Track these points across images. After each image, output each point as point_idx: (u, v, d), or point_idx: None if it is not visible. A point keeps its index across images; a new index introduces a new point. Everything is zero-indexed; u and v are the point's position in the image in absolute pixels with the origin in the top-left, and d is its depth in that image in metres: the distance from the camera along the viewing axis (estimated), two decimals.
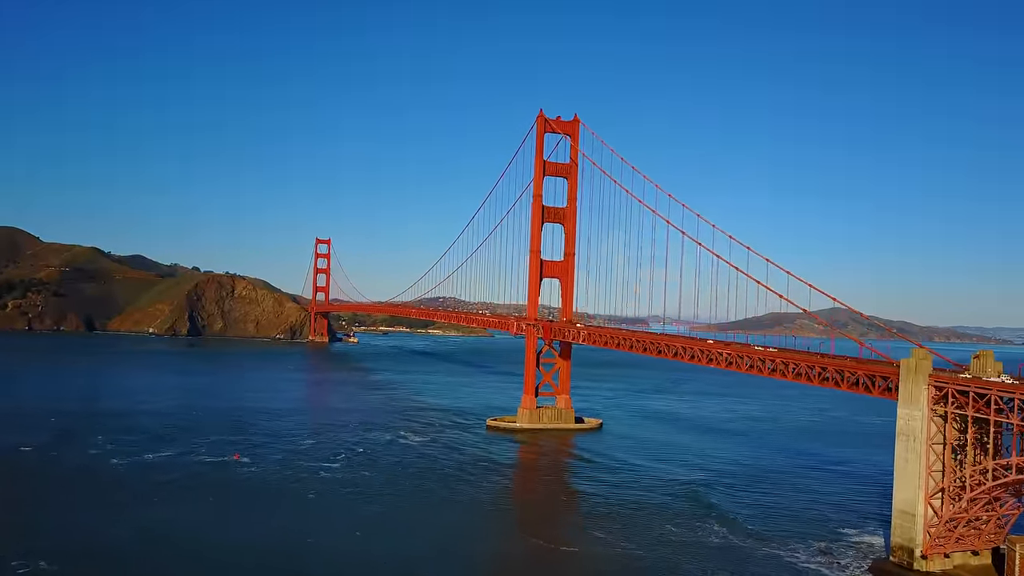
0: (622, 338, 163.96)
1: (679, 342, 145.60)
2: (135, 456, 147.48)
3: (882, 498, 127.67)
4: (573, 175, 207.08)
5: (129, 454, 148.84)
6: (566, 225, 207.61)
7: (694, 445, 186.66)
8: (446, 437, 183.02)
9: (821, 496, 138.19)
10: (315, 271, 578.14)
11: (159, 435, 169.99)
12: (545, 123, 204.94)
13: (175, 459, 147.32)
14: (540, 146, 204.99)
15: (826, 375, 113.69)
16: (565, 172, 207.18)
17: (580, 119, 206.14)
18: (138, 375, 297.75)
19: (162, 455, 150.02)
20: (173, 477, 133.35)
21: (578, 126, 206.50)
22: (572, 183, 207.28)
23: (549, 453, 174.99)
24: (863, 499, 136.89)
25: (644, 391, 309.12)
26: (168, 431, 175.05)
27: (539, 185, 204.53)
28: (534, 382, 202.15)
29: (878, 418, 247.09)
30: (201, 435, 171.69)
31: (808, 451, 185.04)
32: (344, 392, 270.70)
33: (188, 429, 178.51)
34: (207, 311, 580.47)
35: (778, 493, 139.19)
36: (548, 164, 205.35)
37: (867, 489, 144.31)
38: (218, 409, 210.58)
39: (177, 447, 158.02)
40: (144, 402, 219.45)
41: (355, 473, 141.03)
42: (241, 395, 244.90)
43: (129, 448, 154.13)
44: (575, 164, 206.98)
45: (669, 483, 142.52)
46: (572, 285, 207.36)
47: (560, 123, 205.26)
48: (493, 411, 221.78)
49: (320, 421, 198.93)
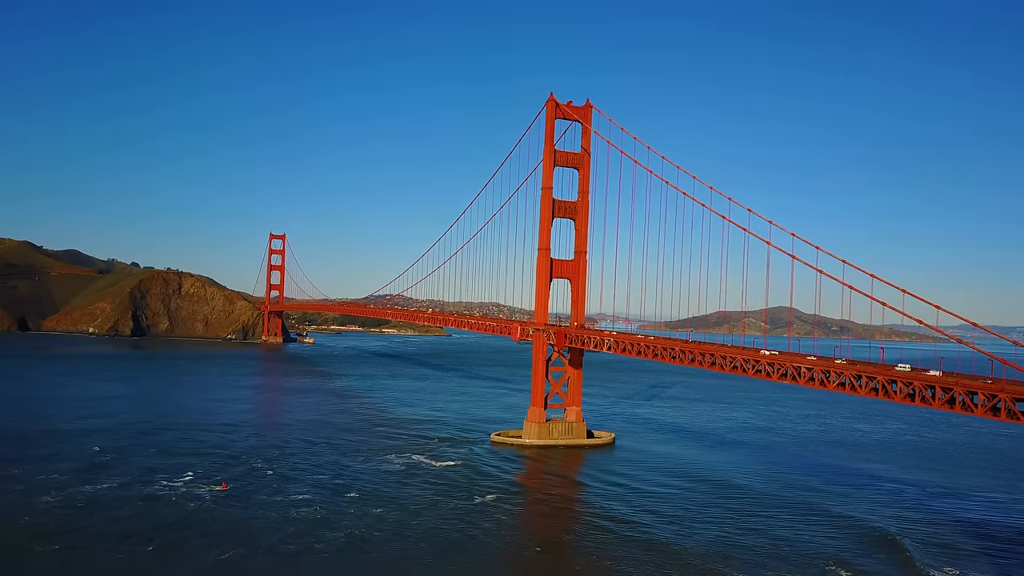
0: (662, 347, 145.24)
1: (741, 354, 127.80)
2: (70, 489, 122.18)
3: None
4: (585, 165, 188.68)
5: (62, 487, 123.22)
6: (577, 220, 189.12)
7: (711, 462, 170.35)
8: (437, 456, 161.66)
9: (854, 525, 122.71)
10: (269, 268, 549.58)
11: (97, 460, 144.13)
12: (556, 108, 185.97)
13: (119, 493, 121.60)
14: (550, 133, 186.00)
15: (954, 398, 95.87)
16: (576, 162, 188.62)
17: (593, 104, 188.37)
18: (73, 382, 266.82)
19: (102, 487, 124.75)
20: (118, 515, 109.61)
21: (591, 112, 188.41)
22: (584, 174, 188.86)
23: (563, 477, 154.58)
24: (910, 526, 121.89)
25: (647, 396, 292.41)
26: (108, 454, 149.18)
27: (549, 176, 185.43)
28: (543, 393, 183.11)
29: (873, 426, 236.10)
30: (148, 458, 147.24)
31: (831, 466, 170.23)
32: (309, 403, 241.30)
33: (132, 451, 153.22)
34: (152, 310, 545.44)
35: (810, 518, 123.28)
36: (558, 153, 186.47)
37: (898, 511, 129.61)
38: (166, 425, 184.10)
39: (119, 475, 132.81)
40: (79, 417, 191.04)
41: (334, 510, 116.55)
42: (192, 407, 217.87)
43: (61, 479, 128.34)
44: (587, 153, 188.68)
45: (698, 511, 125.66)
46: (584, 286, 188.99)
47: (572, 108, 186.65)
48: (479, 425, 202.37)
49: (284, 439, 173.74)
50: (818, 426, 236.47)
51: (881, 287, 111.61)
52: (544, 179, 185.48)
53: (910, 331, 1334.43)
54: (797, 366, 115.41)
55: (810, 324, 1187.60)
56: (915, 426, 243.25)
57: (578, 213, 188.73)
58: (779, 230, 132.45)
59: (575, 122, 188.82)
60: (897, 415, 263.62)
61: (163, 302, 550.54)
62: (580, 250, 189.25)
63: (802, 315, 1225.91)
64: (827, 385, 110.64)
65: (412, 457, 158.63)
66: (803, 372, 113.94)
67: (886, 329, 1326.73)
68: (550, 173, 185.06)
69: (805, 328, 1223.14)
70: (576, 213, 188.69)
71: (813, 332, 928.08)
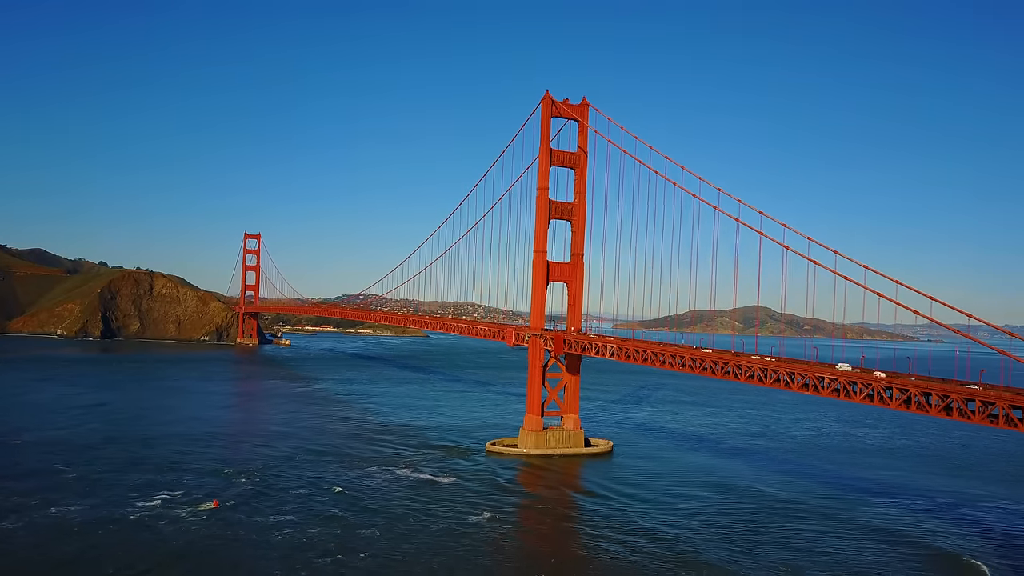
0: (671, 355, 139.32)
1: (769, 365, 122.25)
2: (33, 513, 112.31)
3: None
4: (582, 165, 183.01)
5: (22, 510, 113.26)
6: (574, 222, 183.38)
7: (711, 469, 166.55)
8: (429, 469, 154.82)
9: (886, 539, 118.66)
10: (244, 268, 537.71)
11: (63, 478, 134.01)
12: (552, 106, 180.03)
13: (90, 515, 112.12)
14: (546, 131, 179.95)
15: None
16: (573, 162, 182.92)
17: (589, 102, 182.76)
18: (36, 389, 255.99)
19: (71, 509, 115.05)
20: (91, 544, 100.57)
21: (587, 110, 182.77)
22: (580, 174, 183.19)
23: (566, 490, 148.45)
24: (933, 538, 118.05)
25: (637, 399, 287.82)
26: (74, 471, 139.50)
27: (545, 176, 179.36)
28: (540, 400, 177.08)
29: (871, 431, 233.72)
30: (119, 474, 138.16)
31: (838, 475, 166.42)
32: (289, 410, 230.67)
33: (101, 467, 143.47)
34: (122, 311, 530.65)
35: (826, 534, 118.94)
36: (554, 153, 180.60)
37: (920, 525, 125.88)
38: (138, 437, 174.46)
39: (88, 495, 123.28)
40: (42, 428, 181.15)
41: (321, 533, 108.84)
42: (166, 417, 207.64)
43: (21, 501, 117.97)
44: (584, 153, 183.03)
45: (703, 524, 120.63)
46: (581, 290, 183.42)
47: (569, 106, 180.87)
48: (469, 432, 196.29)
49: (264, 452, 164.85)
50: (811, 430, 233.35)
51: (875, 284, 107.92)
52: (540, 179, 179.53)
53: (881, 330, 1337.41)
54: (820, 377, 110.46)
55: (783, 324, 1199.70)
56: (907, 430, 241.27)
57: (575, 214, 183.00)
58: (776, 227, 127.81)
59: (570, 121, 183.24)
60: (889, 419, 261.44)
61: (134, 303, 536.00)
62: (577, 252, 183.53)
63: (773, 314, 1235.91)
64: (855, 397, 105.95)
65: (402, 471, 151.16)
66: (838, 386, 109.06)
67: (857, 328, 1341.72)
68: (546, 173, 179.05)
69: (777, 327, 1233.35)
70: (572, 214, 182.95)
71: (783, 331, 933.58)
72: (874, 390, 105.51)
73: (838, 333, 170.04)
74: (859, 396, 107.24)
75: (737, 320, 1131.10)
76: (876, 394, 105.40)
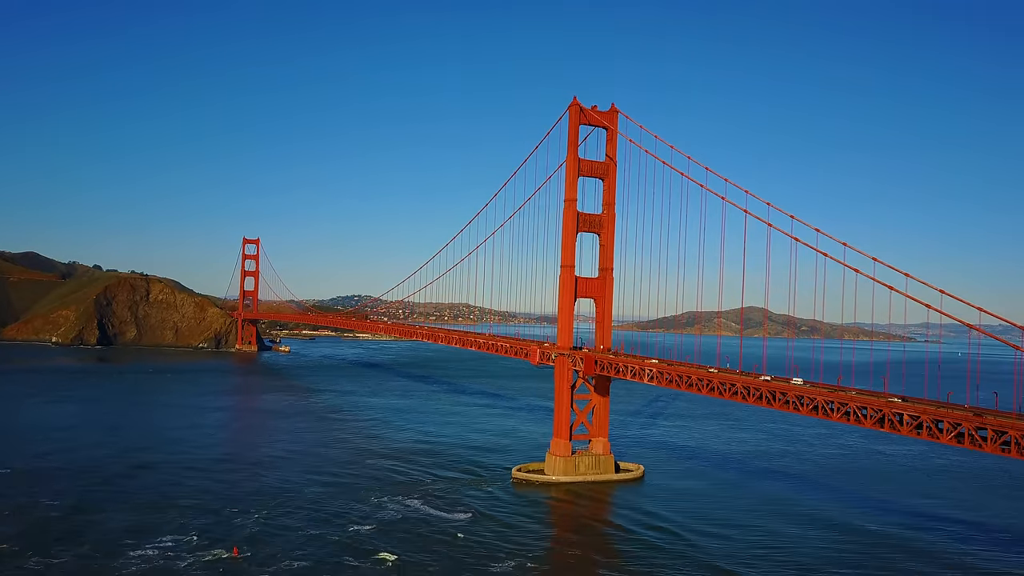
0: (720, 383, 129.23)
1: (822, 395, 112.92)
2: (13, 562, 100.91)
3: None
4: (611, 175, 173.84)
5: (5, 559, 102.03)
6: (602, 235, 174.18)
7: (753, 493, 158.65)
8: (447, 500, 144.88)
9: None
10: (243, 274, 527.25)
11: (48, 518, 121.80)
12: (580, 113, 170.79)
13: (78, 568, 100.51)
14: (574, 140, 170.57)
15: None
16: (602, 172, 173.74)
17: (618, 108, 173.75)
18: (26, 406, 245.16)
19: (57, 561, 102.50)
20: None
21: (616, 117, 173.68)
22: (610, 184, 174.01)
23: (600, 525, 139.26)
24: None
25: (652, 413, 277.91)
26: (62, 508, 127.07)
27: (573, 187, 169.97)
28: (568, 423, 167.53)
29: (899, 447, 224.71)
30: (113, 513, 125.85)
31: (890, 500, 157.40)
32: (291, 429, 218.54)
33: (93, 503, 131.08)
34: (119, 317, 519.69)
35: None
36: (582, 162, 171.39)
37: None
38: (133, 465, 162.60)
39: (79, 541, 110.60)
40: (27, 456, 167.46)
41: None
42: (163, 439, 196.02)
43: (5, 547, 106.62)
44: (613, 162, 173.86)
45: (780, 563, 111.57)
46: (611, 306, 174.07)
47: (598, 113, 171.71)
48: (485, 456, 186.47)
49: (267, 480, 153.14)
50: (836, 447, 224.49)
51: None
52: (568, 191, 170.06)
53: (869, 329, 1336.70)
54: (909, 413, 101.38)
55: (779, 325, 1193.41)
56: (933, 447, 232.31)
57: (603, 227, 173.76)
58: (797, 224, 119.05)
59: (597, 128, 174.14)
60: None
61: (130, 309, 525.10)
62: (605, 267, 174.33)
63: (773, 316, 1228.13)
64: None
65: (416, 503, 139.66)
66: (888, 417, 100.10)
67: (854, 328, 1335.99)
68: (574, 184, 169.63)
69: (775, 328, 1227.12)
70: (601, 227, 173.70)
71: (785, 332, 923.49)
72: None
73: (835, 334, 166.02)
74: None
75: (733, 321, 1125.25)
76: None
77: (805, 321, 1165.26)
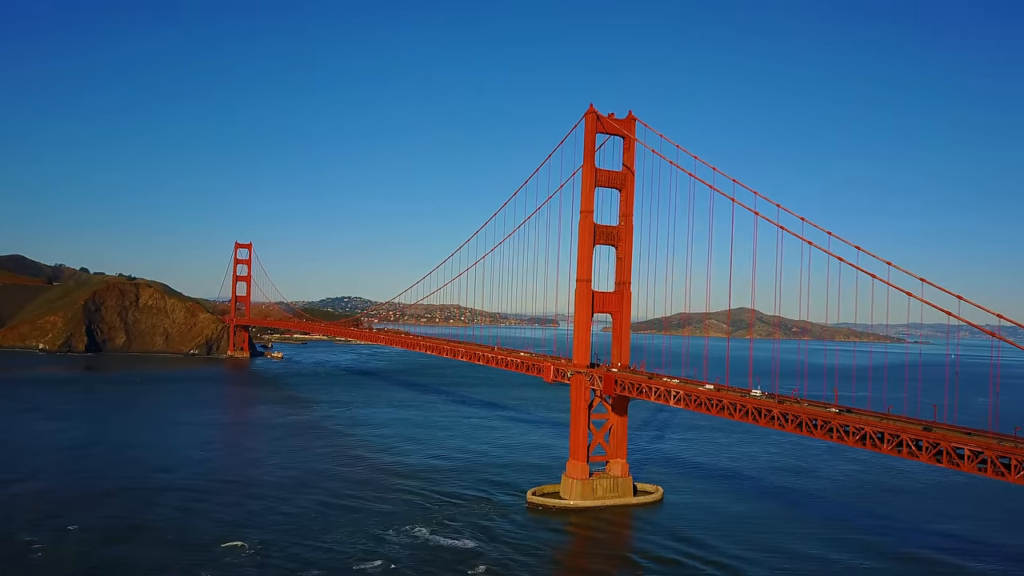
0: (755, 408, 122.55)
1: (871, 426, 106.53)
2: None
3: None
4: (629, 185, 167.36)
5: None
6: (619, 247, 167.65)
7: (773, 515, 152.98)
8: (456, 528, 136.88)
9: None
10: (235, 279, 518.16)
11: (25, 553, 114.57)
12: (597, 120, 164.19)
13: None
14: (590, 149, 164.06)
15: None
16: (619, 182, 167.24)
17: (636, 116, 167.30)
18: (7, 420, 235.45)
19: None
20: None
21: (634, 125, 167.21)
22: (627, 195, 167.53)
23: (622, 555, 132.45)
24: None
25: (660, 426, 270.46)
26: (42, 541, 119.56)
27: (589, 199, 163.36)
28: (585, 444, 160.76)
29: (912, 463, 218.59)
30: (98, 546, 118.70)
31: (920, 523, 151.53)
32: (288, 447, 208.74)
33: (74, 535, 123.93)
34: (108, 323, 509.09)
35: None
36: (599, 172, 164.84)
37: None
38: (119, 489, 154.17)
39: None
40: (4, 481, 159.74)
41: None
42: (153, 457, 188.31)
43: None
44: (631, 171, 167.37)
45: None
46: (628, 322, 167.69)
47: (615, 121, 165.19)
48: (492, 475, 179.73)
49: (266, 510, 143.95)
50: (850, 462, 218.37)
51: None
52: (584, 202, 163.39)
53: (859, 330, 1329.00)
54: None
55: (771, 326, 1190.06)
56: None
57: (620, 239, 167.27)
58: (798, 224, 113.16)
59: (613, 137, 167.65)
60: None
61: (119, 315, 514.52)
62: (622, 280, 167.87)
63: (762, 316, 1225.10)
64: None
65: (423, 533, 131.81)
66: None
67: (844, 330, 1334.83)
68: (590, 195, 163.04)
69: (766, 329, 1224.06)
70: (618, 239, 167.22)
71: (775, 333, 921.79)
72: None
73: (827, 335, 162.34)
74: None
75: (724, 323, 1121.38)
76: None
77: (796, 323, 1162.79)
